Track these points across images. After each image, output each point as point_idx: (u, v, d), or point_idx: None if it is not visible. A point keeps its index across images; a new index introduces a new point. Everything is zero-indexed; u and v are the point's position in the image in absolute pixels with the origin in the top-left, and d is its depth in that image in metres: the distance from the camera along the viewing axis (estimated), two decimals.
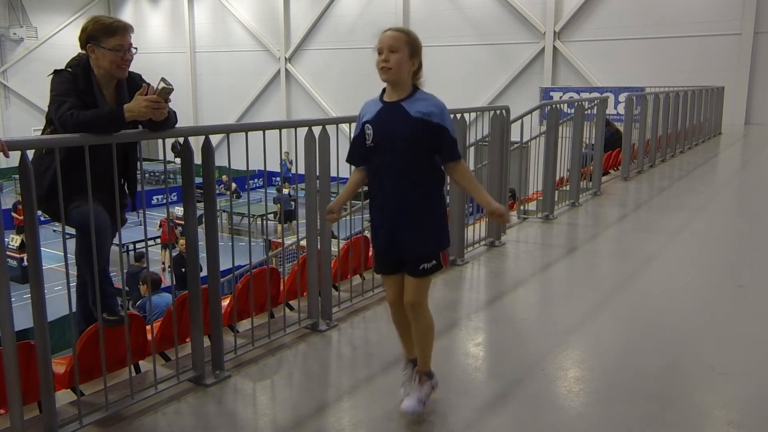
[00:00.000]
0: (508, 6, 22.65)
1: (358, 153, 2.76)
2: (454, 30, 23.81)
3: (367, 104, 2.74)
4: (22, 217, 16.69)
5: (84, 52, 3.18)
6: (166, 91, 2.87)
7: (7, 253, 2.56)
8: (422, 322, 2.75)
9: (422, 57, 2.66)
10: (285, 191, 18.15)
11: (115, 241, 3.15)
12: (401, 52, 2.57)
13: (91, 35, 3.13)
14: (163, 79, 2.91)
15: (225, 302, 3.76)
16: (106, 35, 3.10)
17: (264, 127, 3.38)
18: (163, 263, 16.98)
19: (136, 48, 3.22)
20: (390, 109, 2.63)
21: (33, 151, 2.96)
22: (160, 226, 17.71)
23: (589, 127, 8.22)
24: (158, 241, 18.28)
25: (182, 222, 3.47)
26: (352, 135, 2.77)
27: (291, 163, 19.49)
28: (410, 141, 2.59)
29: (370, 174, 2.74)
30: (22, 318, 3.19)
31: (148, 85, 2.94)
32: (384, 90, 2.70)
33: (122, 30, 3.13)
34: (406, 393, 2.80)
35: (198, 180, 3.05)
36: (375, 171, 2.71)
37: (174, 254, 11.21)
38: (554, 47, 21.94)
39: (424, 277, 2.67)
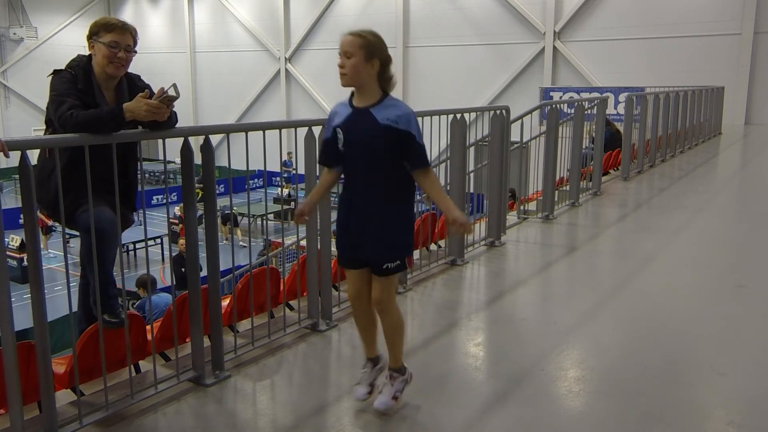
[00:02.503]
0: (508, 6, 22.65)
1: (330, 155, 2.76)
2: (454, 30, 23.82)
3: (337, 107, 2.73)
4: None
5: (87, 53, 3.20)
6: (169, 98, 2.87)
7: (7, 253, 2.56)
8: (391, 321, 2.77)
9: (388, 55, 2.61)
10: (285, 191, 18.15)
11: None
12: (356, 56, 2.54)
13: (93, 30, 3.17)
14: (174, 86, 2.92)
15: (225, 302, 3.76)
16: (104, 30, 3.13)
17: (264, 127, 3.38)
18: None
19: (136, 51, 3.22)
20: (359, 115, 2.63)
21: (35, 152, 2.96)
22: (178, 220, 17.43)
23: (588, 126, 8.23)
24: (158, 241, 18.27)
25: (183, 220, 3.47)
26: (323, 137, 2.79)
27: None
28: (379, 148, 2.60)
29: (344, 174, 2.76)
30: (22, 318, 3.19)
31: (162, 89, 2.93)
32: (352, 93, 2.69)
33: (120, 28, 3.14)
34: (367, 387, 2.84)
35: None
36: (346, 173, 2.74)
37: (174, 254, 11.21)
38: (554, 47, 21.94)
39: (388, 276, 2.69)
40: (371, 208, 2.64)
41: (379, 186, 2.63)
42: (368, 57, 2.55)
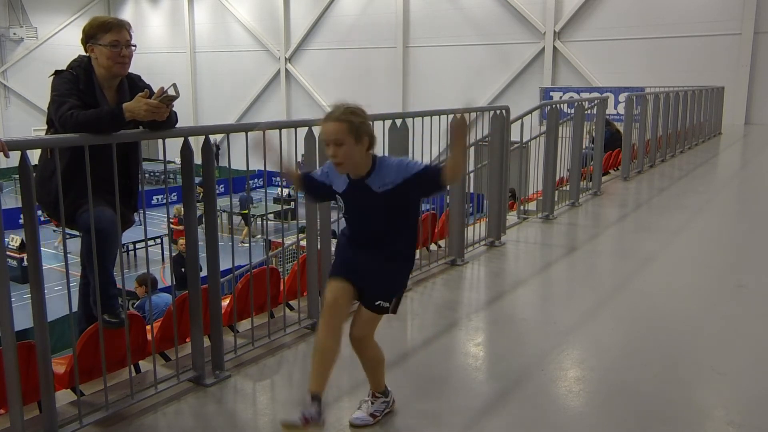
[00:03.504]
0: (508, 6, 22.65)
1: (319, 191, 2.73)
2: (454, 30, 23.81)
3: (333, 170, 2.62)
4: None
5: (86, 54, 3.19)
6: (169, 98, 2.87)
7: (7, 253, 2.56)
8: (370, 355, 2.75)
9: (371, 128, 2.54)
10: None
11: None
12: (347, 144, 2.47)
13: (89, 34, 3.15)
14: (173, 86, 2.91)
15: (225, 302, 3.76)
16: (102, 32, 3.12)
17: (264, 127, 3.37)
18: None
19: (135, 45, 3.22)
20: (357, 188, 2.59)
21: (36, 152, 2.96)
22: (178, 223, 17.36)
23: (588, 126, 8.23)
24: (158, 241, 18.26)
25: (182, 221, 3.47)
26: (316, 174, 2.72)
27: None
28: (383, 213, 2.58)
29: (346, 219, 2.71)
30: (22, 318, 3.19)
31: (161, 88, 2.93)
32: None
33: (117, 26, 3.14)
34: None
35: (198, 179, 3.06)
36: (348, 219, 2.69)
37: (174, 254, 11.21)
38: (554, 47, 21.94)
39: (376, 313, 2.65)
40: (375, 254, 2.63)
41: (385, 236, 2.62)
42: (358, 138, 2.48)
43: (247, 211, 17.21)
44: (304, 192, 2.84)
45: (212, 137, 3.23)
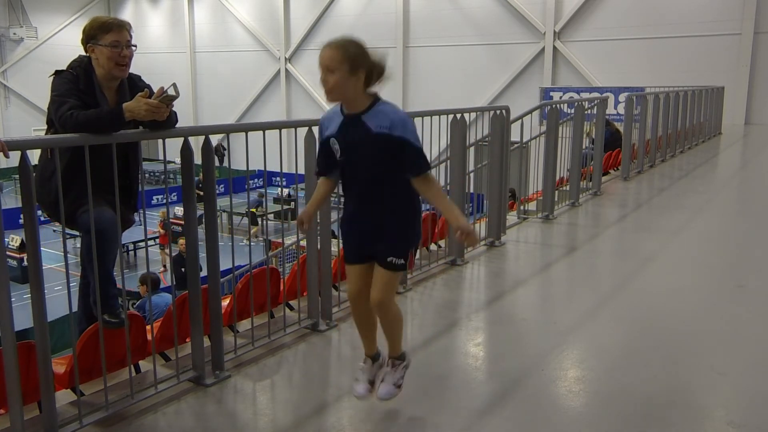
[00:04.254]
0: (508, 6, 22.66)
1: (326, 163, 2.69)
2: (454, 30, 23.82)
3: (327, 116, 2.64)
4: None
5: (86, 54, 3.19)
6: (168, 98, 2.87)
7: (7, 253, 2.56)
8: (389, 317, 2.72)
9: (371, 61, 2.49)
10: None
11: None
12: (339, 71, 2.41)
13: (89, 35, 3.14)
14: (173, 85, 2.91)
15: (225, 302, 3.76)
16: (102, 32, 3.11)
17: (264, 127, 3.38)
18: (164, 266, 16.90)
19: (135, 45, 3.22)
20: (351, 123, 2.53)
21: (36, 152, 2.96)
22: (163, 228, 17.49)
23: (587, 127, 8.23)
24: (158, 241, 18.27)
25: (182, 222, 3.47)
26: (318, 145, 2.72)
27: None
28: (376, 156, 2.51)
29: (342, 182, 2.70)
30: (22, 318, 3.19)
31: (161, 88, 2.93)
32: None
33: (117, 26, 3.14)
34: (366, 384, 2.79)
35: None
36: (346, 180, 2.68)
37: (174, 254, 11.21)
38: (554, 47, 21.95)
39: (391, 271, 2.62)
40: (376, 210, 2.60)
41: (382, 189, 2.57)
42: (352, 70, 2.42)
43: (254, 210, 17.21)
44: (323, 175, 2.77)
45: (215, 137, 3.22)
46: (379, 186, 2.57)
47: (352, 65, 2.42)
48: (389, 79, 2.59)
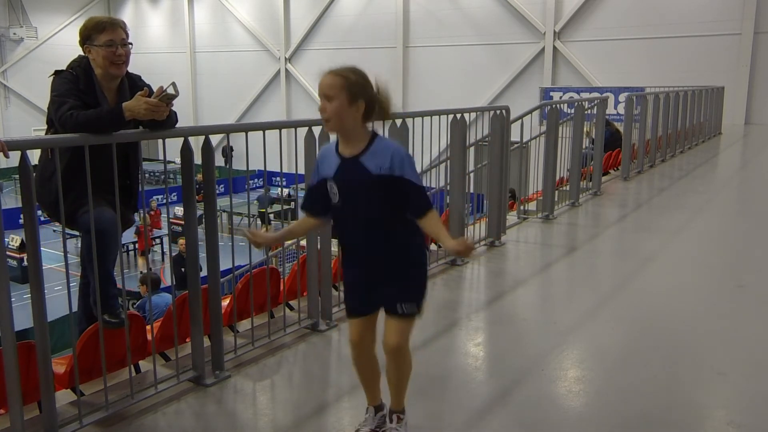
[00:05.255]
0: (508, 6, 22.64)
1: (317, 203, 2.53)
2: (454, 30, 23.81)
3: (323, 155, 2.51)
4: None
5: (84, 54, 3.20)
6: (168, 97, 2.87)
7: (7, 253, 2.56)
8: (402, 368, 2.55)
9: (373, 93, 2.36)
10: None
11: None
12: (338, 100, 2.30)
13: (85, 36, 3.14)
14: (173, 84, 2.91)
15: (225, 302, 3.76)
16: (97, 32, 3.11)
17: (264, 127, 3.38)
18: (141, 272, 16.46)
19: (131, 43, 3.21)
20: (349, 167, 2.39)
21: (36, 152, 2.96)
22: (137, 233, 16.78)
23: (587, 127, 8.23)
24: (157, 241, 18.26)
25: (181, 222, 3.47)
26: (309, 184, 2.58)
27: None
28: (377, 200, 2.38)
29: (338, 228, 2.57)
30: (22, 318, 3.19)
31: (161, 87, 2.92)
32: (338, 139, 2.44)
33: (111, 25, 3.13)
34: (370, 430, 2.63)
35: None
36: (344, 227, 2.53)
37: (174, 254, 11.21)
38: (554, 47, 21.93)
39: (406, 318, 2.47)
40: (379, 254, 2.45)
41: (383, 232, 2.43)
42: (352, 100, 2.30)
43: (264, 210, 17.13)
44: (310, 214, 2.60)
45: (216, 138, 3.22)
46: (380, 227, 2.44)
47: (352, 94, 2.31)
48: (393, 116, 2.44)
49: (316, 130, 3.63)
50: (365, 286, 2.51)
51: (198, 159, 3.06)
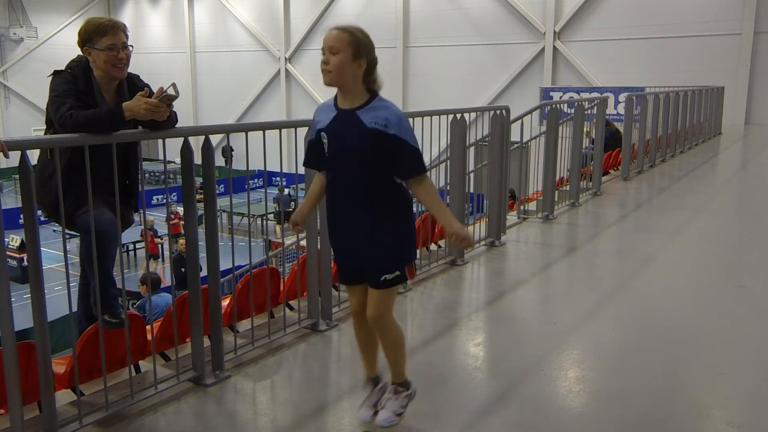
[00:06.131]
0: (508, 6, 22.65)
1: (315, 158, 2.56)
2: (454, 30, 23.82)
3: (320, 109, 2.54)
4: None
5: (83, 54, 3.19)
6: (168, 97, 2.87)
7: (7, 253, 2.56)
8: (389, 337, 2.58)
9: (375, 57, 2.41)
10: (286, 191, 18.17)
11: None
12: (343, 54, 2.34)
13: (85, 38, 3.13)
14: (173, 85, 2.91)
15: (225, 302, 3.76)
16: (98, 35, 3.10)
17: (264, 127, 3.38)
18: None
19: (132, 46, 3.21)
20: (344, 118, 2.42)
21: (36, 152, 2.96)
22: (141, 235, 16.72)
23: (587, 127, 8.23)
24: (156, 241, 18.25)
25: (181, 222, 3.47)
26: (308, 138, 2.60)
27: None
28: (367, 154, 2.39)
29: (327, 184, 2.56)
30: (22, 318, 3.19)
31: (161, 88, 2.92)
32: (337, 94, 2.48)
33: (112, 28, 3.12)
34: (370, 409, 2.65)
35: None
36: (333, 182, 2.53)
37: (174, 254, 11.21)
38: (554, 47, 21.94)
39: (386, 289, 2.48)
40: (363, 215, 2.45)
41: (371, 191, 2.43)
42: (356, 55, 2.35)
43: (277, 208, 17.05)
44: (313, 168, 2.69)
45: (215, 138, 3.22)
46: (367, 187, 2.43)
47: (357, 50, 2.36)
48: (382, 84, 2.48)
49: None
50: (349, 243, 2.52)
51: (198, 159, 3.06)
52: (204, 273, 3.19)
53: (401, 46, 25.02)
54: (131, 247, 17.38)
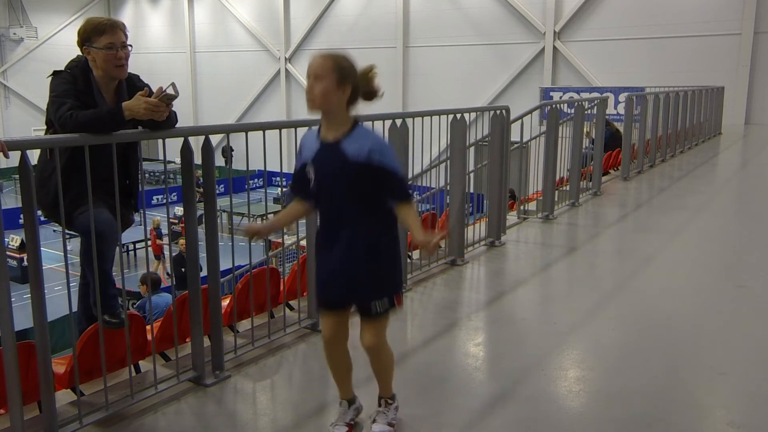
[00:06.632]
0: (508, 6, 22.66)
1: (302, 187, 2.55)
2: (454, 30, 23.82)
3: (305, 139, 2.55)
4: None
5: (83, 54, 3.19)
6: (168, 97, 2.87)
7: (7, 253, 2.56)
8: (383, 360, 2.60)
9: (358, 84, 2.42)
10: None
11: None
12: (326, 81, 2.35)
13: (84, 37, 3.13)
14: (172, 85, 2.91)
15: (225, 302, 3.76)
16: (97, 35, 3.10)
17: (264, 127, 3.38)
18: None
19: (131, 45, 3.21)
20: (328, 151, 2.42)
21: (36, 152, 2.96)
22: (148, 237, 16.82)
23: (587, 127, 8.23)
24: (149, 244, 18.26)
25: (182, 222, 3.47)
26: (295, 168, 2.56)
27: None
28: (352, 186, 2.40)
29: (318, 209, 2.57)
30: (22, 318, 3.19)
31: (160, 88, 2.92)
32: (320, 124, 2.48)
33: (111, 28, 3.12)
34: (344, 426, 2.64)
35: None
36: (321, 209, 2.54)
37: (174, 254, 11.21)
38: (554, 47, 21.94)
39: (379, 317, 2.49)
40: (350, 244, 2.44)
41: (357, 221, 2.43)
42: (340, 82, 2.36)
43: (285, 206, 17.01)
44: (296, 197, 2.65)
45: (215, 138, 3.22)
46: (353, 217, 2.44)
47: (341, 76, 2.37)
48: (379, 98, 2.49)
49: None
50: (336, 276, 2.50)
51: (198, 159, 3.06)
52: (204, 273, 3.20)
53: (401, 46, 25.01)
54: (131, 247, 17.37)
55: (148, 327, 3.29)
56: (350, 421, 2.68)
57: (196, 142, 2.68)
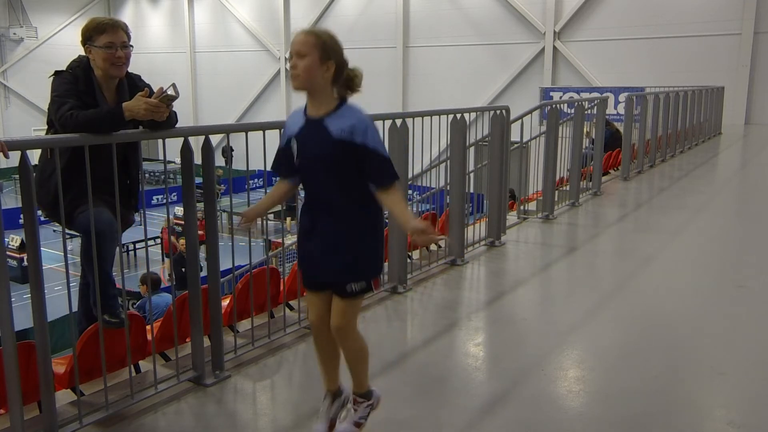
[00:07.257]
0: (508, 6, 22.66)
1: (283, 165, 2.55)
2: (454, 30, 23.82)
3: (292, 116, 2.51)
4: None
5: (86, 54, 3.20)
6: (168, 98, 2.87)
7: (7, 253, 2.56)
8: (352, 347, 2.53)
9: (344, 59, 2.39)
10: None
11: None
12: (309, 57, 2.31)
13: (86, 36, 3.15)
14: (173, 85, 2.91)
15: (225, 302, 3.76)
16: (97, 33, 3.11)
17: (264, 127, 3.38)
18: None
19: (132, 45, 3.21)
20: (312, 127, 2.39)
21: (36, 152, 2.96)
22: (161, 235, 17.15)
23: (587, 127, 8.23)
24: (158, 241, 18.26)
25: (182, 222, 3.47)
26: (279, 145, 2.56)
27: None
28: (334, 164, 2.36)
29: (302, 186, 2.56)
30: (22, 318, 3.19)
31: (161, 88, 2.92)
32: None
33: (111, 27, 3.13)
34: (326, 423, 2.59)
35: (198, 180, 3.06)
36: (304, 186, 2.53)
37: (174, 254, 11.21)
38: (554, 47, 21.94)
39: (351, 299, 2.45)
40: (331, 224, 2.41)
41: (338, 201, 2.40)
42: (323, 58, 2.32)
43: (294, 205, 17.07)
44: (279, 175, 2.67)
45: (215, 138, 3.22)
46: (335, 197, 2.41)
47: (324, 52, 2.33)
48: (360, 90, 2.45)
49: None
50: (315, 255, 2.47)
51: (198, 159, 3.06)
52: (204, 273, 3.20)
53: (401, 46, 25.01)
54: (131, 247, 17.37)
55: (148, 327, 3.29)
56: (334, 416, 2.62)
57: (196, 142, 2.68)
